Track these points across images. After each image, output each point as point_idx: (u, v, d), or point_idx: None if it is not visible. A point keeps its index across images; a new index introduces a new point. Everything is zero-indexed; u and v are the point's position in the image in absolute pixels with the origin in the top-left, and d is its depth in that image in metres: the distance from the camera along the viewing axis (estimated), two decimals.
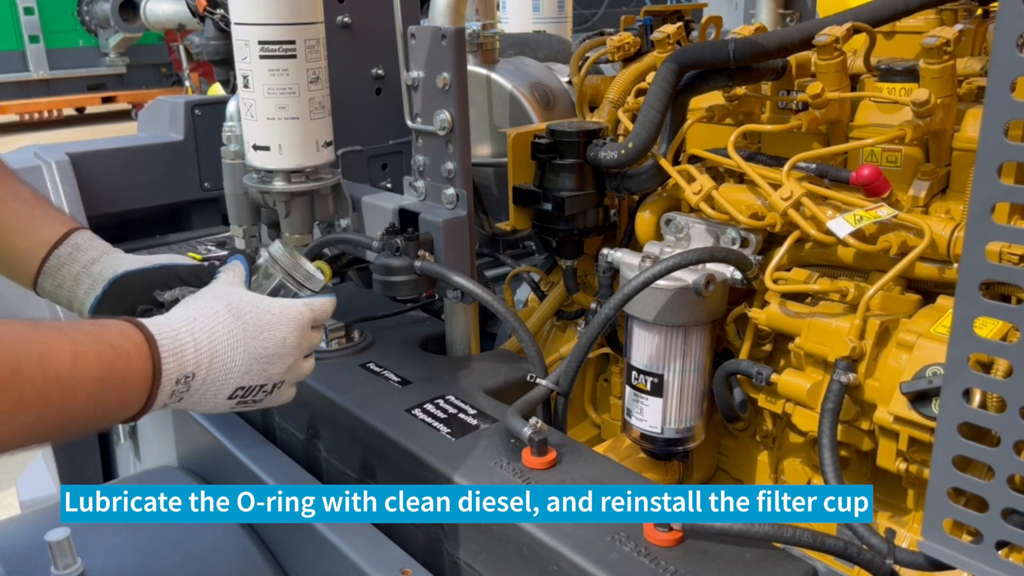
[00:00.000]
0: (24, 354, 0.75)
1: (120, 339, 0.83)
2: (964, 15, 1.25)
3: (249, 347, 0.93)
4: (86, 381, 0.79)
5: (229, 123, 1.60)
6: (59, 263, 1.08)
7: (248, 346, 0.93)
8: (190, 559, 1.22)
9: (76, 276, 1.08)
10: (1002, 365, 0.88)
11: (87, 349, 0.80)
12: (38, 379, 0.75)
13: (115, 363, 0.82)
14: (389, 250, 1.27)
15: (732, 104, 1.34)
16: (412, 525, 1.08)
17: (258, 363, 0.94)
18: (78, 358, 0.79)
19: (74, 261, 1.09)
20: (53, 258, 1.08)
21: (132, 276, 1.09)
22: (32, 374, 0.74)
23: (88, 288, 1.08)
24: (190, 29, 4.27)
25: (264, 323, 0.95)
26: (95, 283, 1.08)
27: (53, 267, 1.08)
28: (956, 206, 1.11)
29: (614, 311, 1.13)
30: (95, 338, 0.82)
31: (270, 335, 0.95)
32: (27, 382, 0.74)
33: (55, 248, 1.08)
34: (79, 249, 1.09)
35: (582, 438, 1.57)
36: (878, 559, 0.88)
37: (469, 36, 1.59)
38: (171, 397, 0.88)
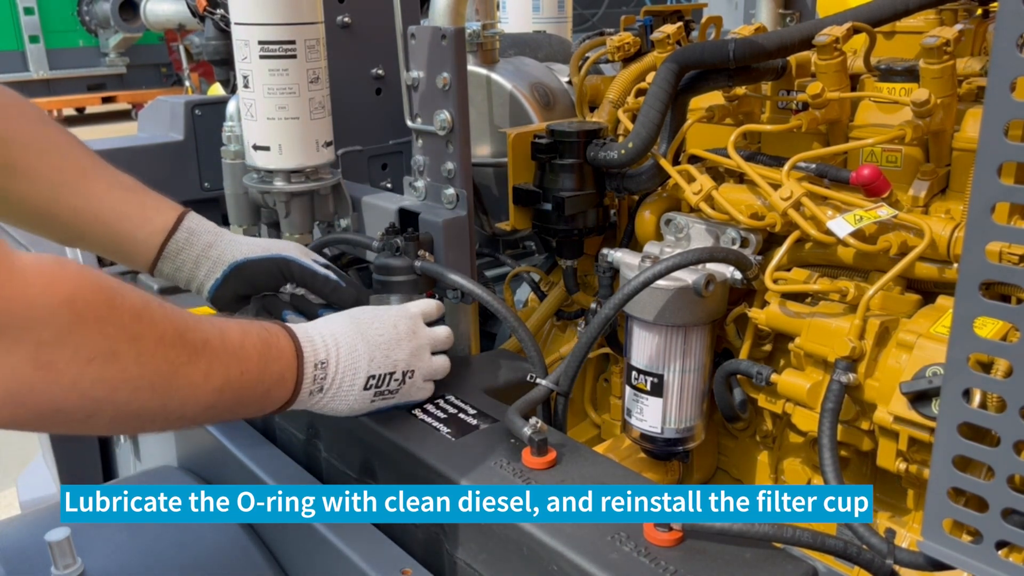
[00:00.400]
0: (208, 330, 0.87)
1: (268, 325, 0.97)
2: (964, 15, 1.25)
3: (366, 337, 1.04)
4: (254, 352, 0.91)
5: (229, 123, 1.60)
6: (178, 248, 1.17)
7: (365, 336, 1.04)
8: (190, 559, 1.22)
9: (195, 260, 1.18)
10: (1002, 365, 0.88)
11: (248, 328, 0.93)
12: (220, 350, 0.87)
13: (270, 340, 0.95)
14: (389, 250, 1.27)
15: (732, 104, 1.34)
16: (412, 525, 1.08)
17: (379, 350, 1.04)
18: (245, 335, 0.92)
19: (191, 245, 1.17)
20: (172, 243, 1.17)
21: (252, 264, 1.19)
22: (216, 345, 0.87)
23: (208, 271, 1.18)
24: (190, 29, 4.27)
25: (374, 317, 1.07)
26: (215, 266, 1.18)
27: (172, 252, 1.17)
28: (956, 206, 1.11)
29: (614, 311, 1.13)
30: (250, 322, 0.95)
31: (380, 324, 1.06)
32: (213, 353, 0.86)
33: (172, 234, 1.17)
34: (194, 233, 1.18)
35: (582, 438, 1.57)
36: (878, 559, 0.88)
37: (469, 36, 1.59)
38: (314, 383, 0.99)
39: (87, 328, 0.73)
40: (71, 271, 0.73)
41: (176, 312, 0.85)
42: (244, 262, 1.18)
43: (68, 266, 0.74)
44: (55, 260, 0.73)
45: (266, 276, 1.20)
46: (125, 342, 0.77)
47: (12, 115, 1.09)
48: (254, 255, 1.19)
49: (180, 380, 0.83)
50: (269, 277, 1.20)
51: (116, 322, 0.76)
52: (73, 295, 0.72)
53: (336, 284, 1.21)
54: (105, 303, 0.75)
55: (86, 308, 0.73)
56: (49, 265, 0.72)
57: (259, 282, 1.20)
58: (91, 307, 0.73)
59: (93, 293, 0.74)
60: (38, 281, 0.70)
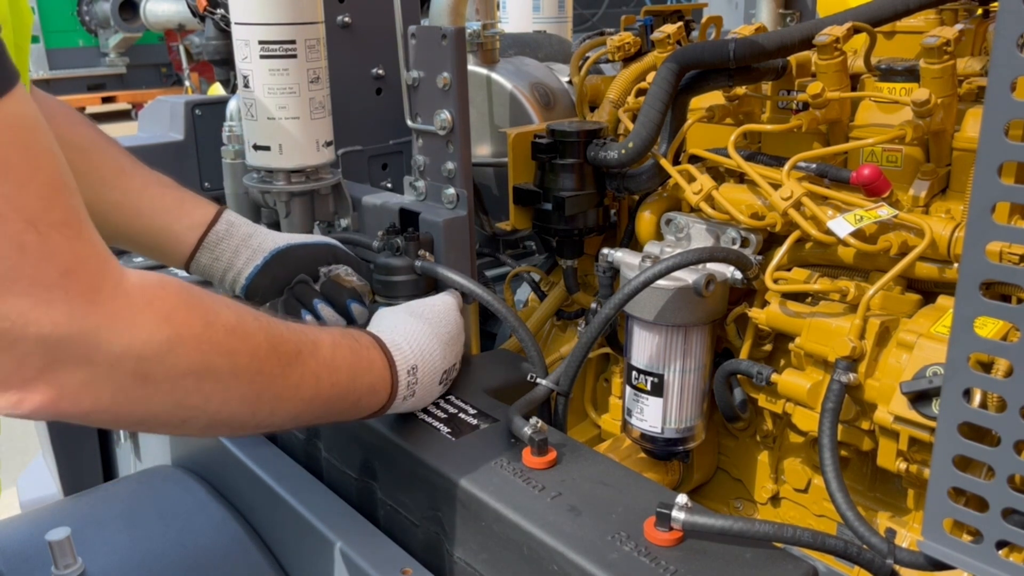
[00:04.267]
0: (301, 341, 0.90)
1: (357, 335, 1.00)
2: (964, 15, 1.25)
3: (438, 334, 1.09)
4: (344, 364, 0.94)
5: (229, 123, 1.60)
6: (217, 238, 1.20)
7: (438, 334, 1.09)
8: (190, 559, 1.22)
9: (235, 248, 1.21)
10: (1002, 365, 0.88)
11: (339, 340, 0.96)
12: (311, 362, 0.90)
13: (360, 352, 0.98)
14: (389, 250, 1.27)
15: (732, 104, 1.34)
16: (412, 525, 1.08)
17: (449, 347, 1.10)
18: (336, 347, 0.94)
19: (231, 236, 1.21)
20: (212, 234, 1.20)
21: (295, 249, 1.22)
22: (308, 357, 0.90)
23: (248, 259, 1.21)
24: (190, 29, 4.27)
25: (437, 315, 1.12)
26: (255, 254, 1.21)
27: (212, 242, 1.20)
28: (956, 206, 1.11)
29: (614, 311, 1.13)
30: (341, 333, 0.98)
31: (447, 321, 1.12)
32: (305, 364, 0.89)
33: (212, 225, 1.20)
34: (234, 225, 1.22)
35: (582, 438, 1.57)
36: (878, 559, 0.88)
37: (469, 36, 1.59)
38: (407, 389, 1.03)
39: (184, 345, 0.77)
40: (171, 290, 0.77)
41: (269, 323, 0.88)
42: (287, 247, 1.22)
43: (168, 285, 0.77)
44: (157, 279, 0.77)
45: (308, 259, 1.23)
46: (220, 356, 0.80)
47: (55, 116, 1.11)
48: (296, 241, 1.24)
49: (271, 391, 0.87)
50: (311, 260, 1.23)
51: (211, 338, 0.79)
52: (171, 314, 0.76)
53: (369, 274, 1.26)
54: (201, 320, 0.79)
55: (183, 326, 0.77)
56: (151, 284, 0.76)
57: (301, 264, 1.23)
58: (188, 325, 0.77)
59: (189, 311, 0.78)
60: (140, 299, 0.73)
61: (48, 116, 1.10)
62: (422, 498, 1.05)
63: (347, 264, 1.26)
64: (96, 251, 0.71)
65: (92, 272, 0.70)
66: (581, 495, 0.95)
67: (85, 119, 1.19)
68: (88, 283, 0.69)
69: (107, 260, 0.72)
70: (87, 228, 0.70)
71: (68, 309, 0.67)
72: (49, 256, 0.66)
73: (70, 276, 0.67)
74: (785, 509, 1.33)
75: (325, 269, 1.25)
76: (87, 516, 1.31)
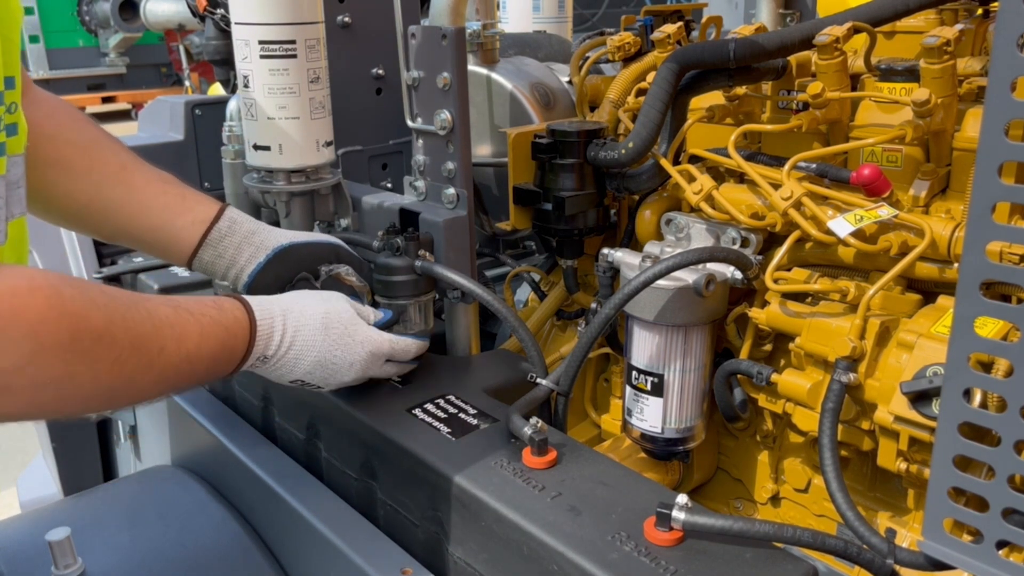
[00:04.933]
0: (168, 337, 0.90)
1: (232, 323, 1.00)
2: (964, 15, 1.25)
3: (320, 356, 1.08)
4: (206, 358, 0.96)
5: (229, 123, 1.59)
6: (220, 235, 1.20)
7: (320, 355, 1.07)
8: (190, 559, 1.22)
9: (238, 245, 1.21)
10: (1002, 365, 0.87)
11: (209, 332, 0.96)
12: (175, 357, 0.91)
13: (227, 343, 0.99)
14: (389, 250, 1.27)
15: (732, 104, 1.34)
16: (412, 525, 1.08)
17: (322, 369, 1.09)
18: (203, 340, 0.95)
19: (234, 233, 1.21)
20: (215, 231, 1.20)
21: (297, 248, 1.22)
22: (171, 353, 0.90)
23: (250, 256, 1.21)
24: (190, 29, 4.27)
25: (343, 342, 1.09)
26: (257, 251, 1.21)
27: (215, 239, 1.20)
28: (956, 206, 1.11)
29: (614, 311, 1.13)
30: (216, 323, 0.98)
31: (342, 355, 1.09)
32: (167, 361, 0.90)
33: (215, 222, 1.20)
34: (236, 222, 1.22)
35: (582, 438, 1.57)
36: (878, 559, 0.88)
37: (469, 36, 1.59)
38: (250, 367, 1.05)
39: (46, 356, 0.76)
40: (39, 297, 0.75)
41: (138, 319, 0.87)
42: (289, 245, 1.22)
43: (38, 291, 0.75)
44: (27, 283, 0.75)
45: (311, 260, 1.23)
46: (82, 364, 0.80)
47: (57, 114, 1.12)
48: (299, 240, 1.24)
49: (130, 389, 0.89)
50: (313, 260, 1.23)
51: (76, 348, 0.79)
52: (37, 327, 0.75)
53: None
54: (68, 330, 0.78)
55: (48, 337, 0.76)
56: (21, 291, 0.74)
57: (303, 263, 1.23)
58: (53, 335, 0.76)
59: (57, 321, 0.77)
60: (6, 309, 0.72)
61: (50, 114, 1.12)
62: (422, 498, 1.05)
63: (349, 263, 1.26)
64: None
65: None
66: (581, 495, 0.95)
67: (87, 117, 1.19)
68: None
69: None
70: None
71: None
72: None
73: None
74: (785, 509, 1.33)
75: (327, 268, 1.25)
76: (87, 516, 1.31)
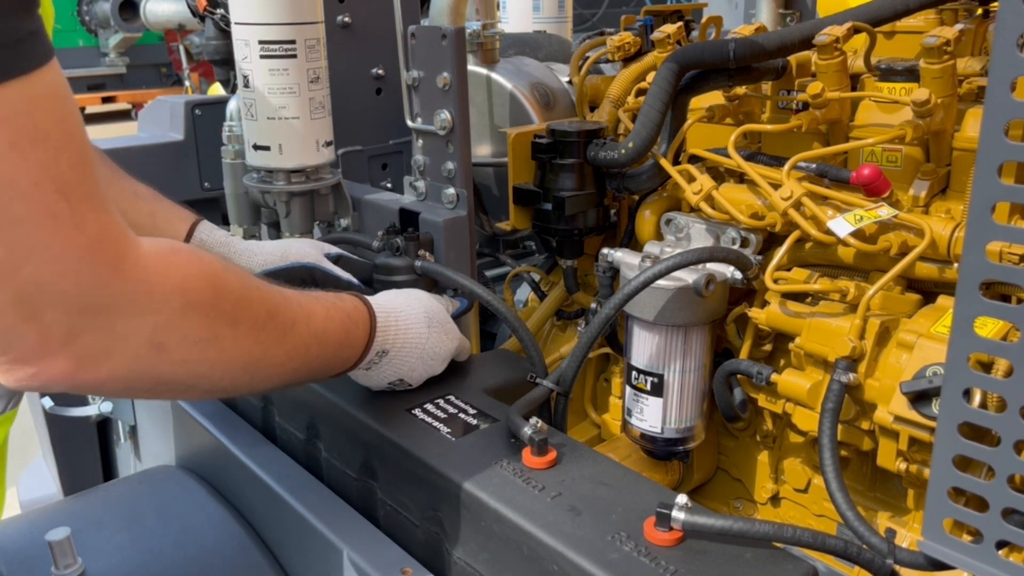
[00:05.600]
0: (298, 312, 0.93)
1: (353, 310, 1.03)
2: (964, 15, 1.25)
3: (424, 351, 1.12)
4: (333, 339, 0.99)
5: (229, 123, 1.60)
6: None
7: (424, 350, 1.12)
8: (190, 559, 1.22)
9: None
10: (1002, 365, 0.88)
11: (334, 314, 0.99)
12: (304, 334, 0.93)
13: (349, 328, 1.01)
14: (389, 250, 1.27)
15: (732, 104, 1.34)
16: (412, 525, 1.08)
17: (423, 364, 1.13)
18: (328, 321, 0.98)
19: None
20: None
21: (273, 275, 1.22)
22: (301, 330, 0.93)
23: None
24: (190, 29, 4.27)
25: (440, 339, 1.14)
26: None
27: None
28: (956, 206, 1.11)
29: (614, 311, 1.13)
30: (337, 308, 1.00)
31: (439, 350, 1.15)
32: (298, 336, 0.92)
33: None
34: (205, 245, 1.22)
35: (582, 438, 1.57)
36: (878, 559, 0.88)
37: (469, 36, 1.59)
38: (367, 364, 1.07)
39: (195, 313, 0.79)
40: (182, 259, 0.78)
41: (269, 292, 0.90)
42: (263, 274, 1.20)
43: (180, 253, 0.79)
44: (169, 247, 0.78)
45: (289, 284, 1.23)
46: (226, 326, 0.82)
47: None
48: (272, 266, 1.23)
49: (267, 360, 0.90)
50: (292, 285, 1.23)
51: (219, 308, 0.81)
52: (184, 283, 0.77)
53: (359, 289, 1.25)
54: (211, 289, 0.80)
55: (194, 294, 0.78)
56: (165, 253, 0.77)
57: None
58: (199, 293, 0.79)
59: (201, 280, 0.79)
60: (156, 268, 0.75)
61: None
62: (422, 498, 1.05)
63: (324, 282, 1.25)
64: (117, 223, 0.72)
65: (116, 243, 0.71)
66: (581, 495, 0.95)
67: None
68: (113, 254, 0.70)
69: (126, 231, 0.73)
70: (108, 201, 0.72)
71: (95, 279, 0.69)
72: (79, 226, 0.67)
73: (97, 247, 0.69)
74: (785, 509, 1.33)
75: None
76: (87, 516, 1.31)
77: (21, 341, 0.68)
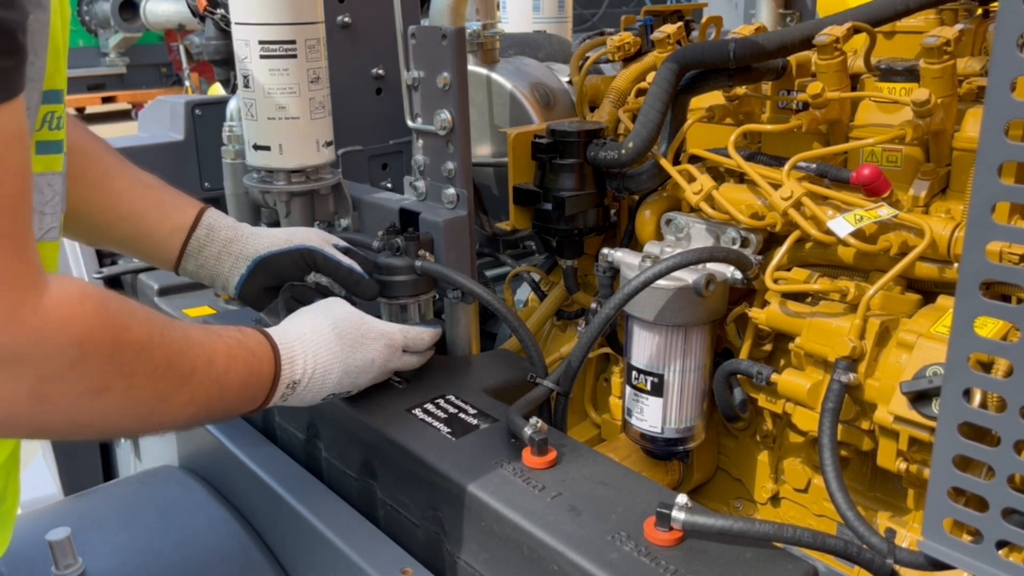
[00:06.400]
0: (198, 357, 0.90)
1: (257, 347, 1.00)
2: (964, 15, 1.25)
3: (344, 363, 1.08)
4: (235, 381, 0.96)
5: (229, 123, 1.60)
6: (199, 245, 1.20)
7: (343, 363, 1.08)
8: (190, 559, 1.22)
9: (217, 255, 1.21)
10: (1002, 365, 0.87)
11: (237, 353, 0.96)
12: (205, 379, 0.91)
13: (253, 367, 0.99)
14: (389, 250, 1.27)
15: (732, 104, 1.34)
16: (412, 525, 1.08)
17: (348, 376, 1.10)
18: (232, 361, 0.95)
19: (212, 242, 1.21)
20: (193, 241, 1.20)
21: (274, 257, 1.22)
22: (202, 375, 0.90)
23: (231, 266, 1.22)
24: (190, 29, 4.27)
25: (358, 343, 1.10)
26: (237, 261, 1.21)
27: (194, 249, 1.20)
28: (956, 206, 1.11)
29: (614, 311, 1.13)
30: (242, 345, 0.98)
31: (362, 354, 1.10)
32: (198, 382, 0.90)
33: (192, 231, 1.20)
34: (213, 229, 1.21)
35: (582, 438, 1.57)
36: (878, 559, 0.88)
37: (469, 36, 1.59)
38: (280, 397, 1.04)
39: (88, 365, 0.76)
40: (88, 306, 0.75)
41: (173, 337, 0.87)
42: (267, 256, 1.22)
43: (88, 300, 0.76)
44: (79, 294, 0.75)
45: (291, 267, 1.23)
46: (120, 377, 0.80)
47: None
48: (276, 248, 1.22)
49: (162, 408, 0.88)
50: (294, 268, 1.23)
51: (117, 359, 0.79)
52: (83, 336, 0.75)
53: (359, 277, 1.24)
54: (111, 341, 0.78)
55: (92, 347, 0.76)
56: (71, 299, 0.74)
57: (285, 273, 1.23)
58: (97, 346, 0.76)
59: (103, 331, 0.77)
60: (56, 317, 0.72)
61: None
62: (422, 498, 1.05)
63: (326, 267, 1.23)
64: (27, 268, 0.70)
65: (18, 290, 0.69)
66: (581, 495, 0.95)
67: (73, 120, 1.16)
68: (10, 301, 0.68)
69: (35, 277, 0.71)
70: (26, 243, 0.70)
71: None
72: None
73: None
74: (785, 509, 1.33)
75: (311, 276, 1.25)
76: (87, 516, 1.31)
77: None
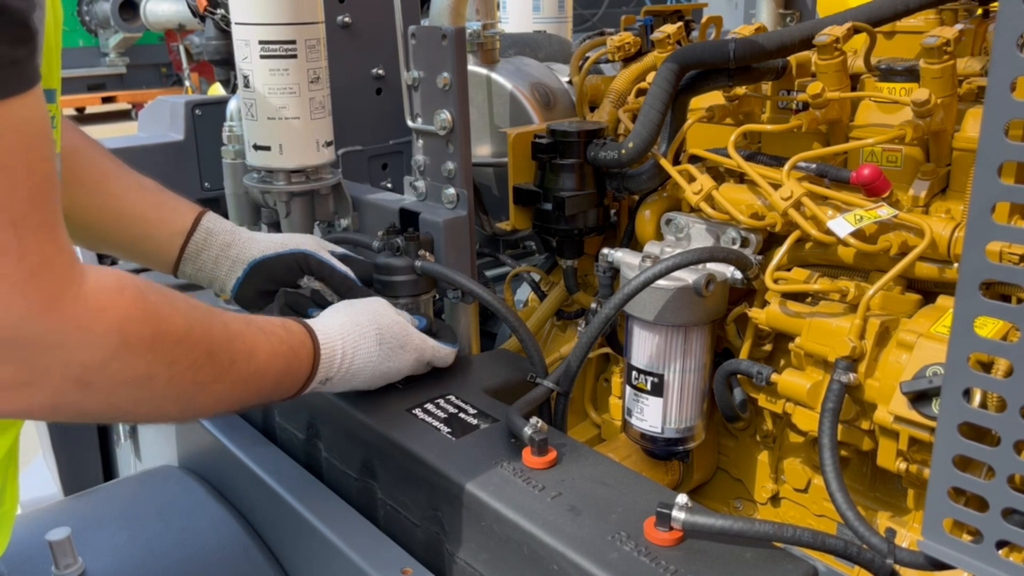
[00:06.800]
0: (239, 350, 0.92)
1: (299, 345, 1.01)
2: (964, 15, 1.25)
3: (376, 368, 1.11)
4: (272, 377, 0.97)
5: (229, 123, 1.59)
6: (197, 249, 1.21)
7: (376, 367, 1.11)
8: (190, 559, 1.22)
9: (215, 259, 1.22)
10: (1002, 365, 0.88)
11: (277, 349, 0.97)
12: (244, 371, 0.92)
13: (292, 363, 1.00)
14: (389, 250, 1.27)
15: (732, 104, 1.34)
16: (412, 525, 1.08)
17: (375, 379, 1.13)
18: (272, 357, 0.96)
19: (210, 246, 1.22)
20: (191, 245, 1.21)
21: (269, 261, 1.23)
22: (241, 368, 0.92)
23: (228, 270, 1.23)
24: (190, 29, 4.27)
25: (395, 352, 1.13)
26: (234, 265, 1.23)
27: (192, 253, 1.21)
28: (956, 206, 1.11)
29: (614, 311, 1.13)
30: (283, 342, 0.99)
31: (395, 363, 1.13)
32: (236, 373, 0.92)
33: (191, 235, 1.21)
34: (212, 233, 1.22)
35: (582, 438, 1.57)
36: (878, 559, 0.88)
37: (469, 36, 1.59)
38: (311, 391, 1.06)
39: (129, 354, 0.77)
40: (126, 297, 0.76)
41: (214, 328, 0.89)
42: (263, 260, 1.23)
43: (126, 290, 0.77)
44: (116, 284, 0.76)
45: (285, 271, 1.23)
46: (161, 366, 0.81)
47: None
48: (271, 252, 1.23)
49: (202, 397, 0.89)
50: (289, 271, 1.24)
51: (158, 349, 0.80)
52: (123, 324, 0.76)
53: (352, 283, 1.25)
54: (151, 331, 0.79)
55: (133, 336, 0.77)
56: (109, 289, 0.75)
57: (279, 277, 1.24)
58: (138, 335, 0.77)
59: (142, 321, 0.78)
60: (95, 306, 0.73)
61: None
62: (422, 498, 1.05)
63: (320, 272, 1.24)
64: (64, 256, 0.71)
65: (57, 277, 0.70)
66: (581, 495, 0.95)
67: (70, 123, 1.16)
68: (51, 288, 0.69)
69: (72, 265, 0.72)
70: (60, 232, 0.71)
71: (26, 311, 0.68)
72: (21, 257, 0.66)
73: (34, 280, 0.68)
74: (785, 509, 1.33)
75: (308, 280, 1.26)
76: (87, 516, 1.31)
77: None
